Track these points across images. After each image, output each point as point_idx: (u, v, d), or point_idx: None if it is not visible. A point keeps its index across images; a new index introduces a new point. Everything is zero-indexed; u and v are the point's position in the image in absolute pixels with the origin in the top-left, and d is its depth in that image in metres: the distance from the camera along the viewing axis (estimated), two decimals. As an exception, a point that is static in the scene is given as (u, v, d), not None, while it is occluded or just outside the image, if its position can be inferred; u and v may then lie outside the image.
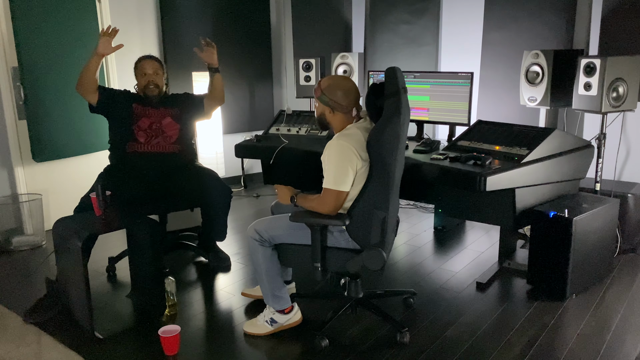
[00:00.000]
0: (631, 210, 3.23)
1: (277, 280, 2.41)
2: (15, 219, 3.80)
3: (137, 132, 3.07)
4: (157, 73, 3.14)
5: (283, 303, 2.44)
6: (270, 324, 2.44)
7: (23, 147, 3.79)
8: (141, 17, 4.49)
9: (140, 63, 3.15)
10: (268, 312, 2.45)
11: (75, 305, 2.52)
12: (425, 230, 3.86)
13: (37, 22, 3.59)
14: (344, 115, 2.28)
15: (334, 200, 2.19)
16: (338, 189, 2.18)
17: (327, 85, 2.26)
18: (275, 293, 2.42)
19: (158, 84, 3.14)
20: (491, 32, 3.95)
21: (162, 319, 2.63)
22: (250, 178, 5.33)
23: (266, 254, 2.36)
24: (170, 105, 3.19)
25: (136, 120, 3.08)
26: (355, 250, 2.29)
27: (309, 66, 4.52)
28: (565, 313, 2.62)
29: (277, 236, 2.36)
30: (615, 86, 2.99)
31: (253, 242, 2.37)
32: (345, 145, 2.17)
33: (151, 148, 3.08)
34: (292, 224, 2.31)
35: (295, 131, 3.56)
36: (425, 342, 2.38)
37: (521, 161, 2.62)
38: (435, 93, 3.31)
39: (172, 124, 3.14)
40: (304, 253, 2.33)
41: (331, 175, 2.18)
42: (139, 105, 3.12)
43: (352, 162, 2.17)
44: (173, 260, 3.39)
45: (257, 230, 2.35)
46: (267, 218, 2.45)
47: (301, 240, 2.32)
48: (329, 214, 2.21)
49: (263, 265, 2.37)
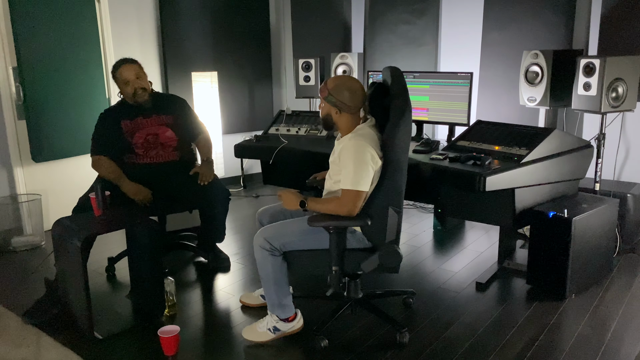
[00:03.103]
0: (630, 210, 3.23)
1: (285, 288, 2.35)
2: (14, 219, 3.79)
3: (133, 146, 3.00)
4: (139, 77, 2.98)
5: (288, 311, 2.39)
6: (273, 332, 2.39)
7: (22, 148, 3.79)
8: (140, 18, 4.49)
9: (118, 71, 2.97)
10: (271, 319, 2.38)
11: (75, 305, 2.52)
12: (425, 230, 3.86)
13: (36, 22, 3.59)
14: (351, 115, 2.28)
15: (355, 200, 2.17)
16: (358, 189, 2.16)
17: (334, 86, 2.25)
18: (282, 302, 2.36)
19: (145, 87, 3.00)
20: (491, 32, 3.95)
21: (162, 319, 2.63)
22: (250, 178, 5.33)
23: (276, 263, 2.28)
24: (163, 112, 3.08)
25: (130, 137, 2.99)
26: (366, 250, 2.29)
27: (308, 66, 4.52)
28: (565, 313, 2.62)
29: (289, 243, 2.28)
30: (615, 86, 2.99)
31: (263, 252, 2.27)
32: (364, 145, 2.17)
33: (150, 160, 3.02)
34: (304, 230, 2.27)
35: (295, 131, 3.56)
36: (425, 342, 2.38)
37: (521, 161, 2.62)
38: (434, 93, 3.31)
39: (168, 134, 3.06)
40: (316, 258, 2.29)
41: (351, 176, 2.16)
42: (127, 121, 3.00)
43: (371, 162, 2.17)
44: (172, 260, 3.39)
45: (267, 239, 2.26)
46: (273, 225, 2.37)
47: (313, 246, 2.28)
48: (349, 215, 2.19)
49: (272, 274, 2.29)
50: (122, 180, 2.90)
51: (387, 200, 2.22)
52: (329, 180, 2.40)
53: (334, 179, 2.34)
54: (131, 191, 2.88)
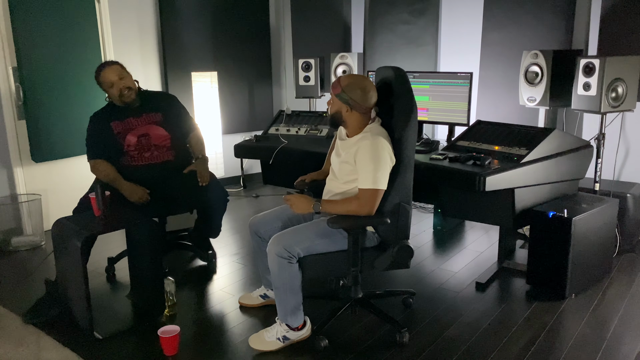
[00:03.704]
0: (630, 210, 3.23)
1: (299, 295, 2.31)
2: (14, 219, 3.79)
3: (127, 149, 2.97)
4: (122, 77, 2.93)
5: (299, 319, 2.36)
6: (282, 341, 2.34)
7: (22, 148, 3.79)
8: (140, 18, 4.49)
9: (101, 75, 2.92)
10: (281, 329, 2.33)
11: (75, 305, 2.52)
12: (425, 230, 3.87)
13: (36, 22, 3.59)
14: (361, 115, 2.29)
15: (374, 199, 2.19)
16: (378, 187, 2.18)
17: (348, 84, 2.25)
18: (295, 310, 2.32)
19: (130, 86, 2.95)
20: (490, 32, 3.95)
21: (162, 319, 2.63)
22: (250, 178, 5.33)
23: (294, 271, 2.23)
24: (152, 110, 3.04)
25: (122, 139, 2.96)
26: (377, 248, 2.31)
27: (308, 66, 4.53)
28: (565, 313, 2.62)
29: (305, 248, 2.23)
30: (614, 86, 2.99)
31: (280, 261, 2.20)
32: (383, 144, 2.19)
33: (144, 161, 2.99)
34: (319, 233, 2.26)
35: (295, 131, 3.56)
36: (425, 342, 2.38)
37: (520, 161, 2.62)
38: (434, 93, 3.31)
39: (160, 133, 3.02)
40: (331, 261, 2.29)
41: (371, 175, 2.17)
42: (117, 122, 2.96)
43: (389, 160, 2.20)
44: (172, 260, 3.39)
45: (285, 247, 2.19)
46: (287, 232, 2.30)
47: (329, 248, 2.28)
48: (369, 215, 2.20)
49: (290, 283, 2.24)
50: (119, 182, 2.89)
51: (399, 197, 2.26)
52: (335, 180, 2.38)
53: (343, 180, 2.32)
54: (127, 191, 2.87)
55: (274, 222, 2.51)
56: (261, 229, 2.53)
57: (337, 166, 2.37)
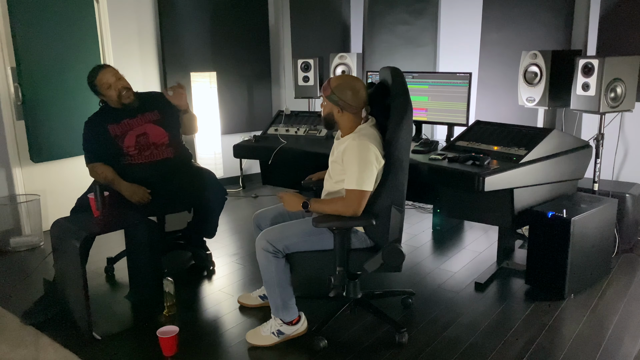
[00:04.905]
0: (629, 210, 3.23)
1: (289, 290, 2.34)
2: (13, 219, 3.79)
3: (126, 149, 2.96)
4: (119, 78, 2.93)
5: (292, 314, 2.37)
6: (277, 336, 2.37)
7: (21, 148, 3.78)
8: (139, 18, 4.49)
9: (97, 79, 2.91)
10: (275, 323, 2.37)
11: (74, 306, 2.52)
12: (424, 230, 3.87)
13: (35, 22, 3.58)
14: (353, 115, 2.28)
15: (359, 200, 2.18)
16: (362, 189, 2.17)
17: (337, 85, 2.25)
18: (285, 304, 2.34)
19: (128, 87, 2.96)
20: (489, 32, 3.95)
21: (161, 320, 2.63)
22: (249, 178, 5.33)
23: (280, 265, 2.27)
24: (147, 110, 3.05)
25: (120, 141, 2.96)
26: (369, 250, 2.29)
27: (307, 66, 4.53)
28: (564, 313, 2.62)
29: (292, 245, 2.27)
30: (613, 86, 3.00)
31: (266, 255, 2.26)
32: (368, 144, 2.18)
33: (144, 159, 2.99)
34: (307, 231, 2.27)
35: (294, 131, 3.56)
36: (424, 342, 2.38)
37: (519, 161, 2.62)
38: (433, 93, 3.31)
39: (158, 131, 3.03)
40: (320, 259, 2.30)
41: (355, 176, 2.17)
42: (114, 124, 2.96)
43: (375, 161, 2.18)
44: (171, 260, 3.39)
45: (270, 242, 2.25)
46: (275, 228, 2.35)
47: (317, 247, 2.28)
48: (354, 215, 2.19)
49: (276, 277, 2.28)
50: (118, 182, 2.89)
51: (390, 199, 2.23)
52: (329, 180, 2.39)
53: (335, 179, 2.33)
54: (127, 192, 2.87)
55: (277, 218, 2.53)
56: (263, 223, 2.57)
57: (330, 166, 2.39)
